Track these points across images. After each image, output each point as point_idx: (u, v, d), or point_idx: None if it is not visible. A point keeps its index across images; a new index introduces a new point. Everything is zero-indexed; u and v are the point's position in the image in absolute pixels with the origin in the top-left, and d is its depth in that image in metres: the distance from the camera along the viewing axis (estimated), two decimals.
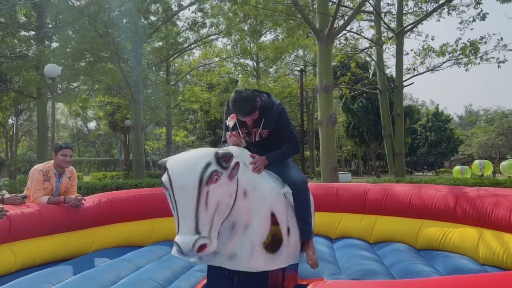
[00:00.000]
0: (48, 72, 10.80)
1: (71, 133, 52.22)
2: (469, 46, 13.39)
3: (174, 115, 25.83)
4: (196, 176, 2.17)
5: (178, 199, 2.17)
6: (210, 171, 2.20)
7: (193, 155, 2.31)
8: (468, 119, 68.53)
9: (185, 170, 2.20)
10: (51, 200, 3.97)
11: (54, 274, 3.26)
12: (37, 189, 3.96)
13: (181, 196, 2.17)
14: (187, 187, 2.16)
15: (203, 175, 2.17)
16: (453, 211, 3.98)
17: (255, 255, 2.50)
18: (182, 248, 2.07)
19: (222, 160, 2.27)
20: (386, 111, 16.12)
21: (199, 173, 2.17)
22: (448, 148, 40.91)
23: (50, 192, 4.13)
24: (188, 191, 2.16)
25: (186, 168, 2.21)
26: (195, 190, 2.15)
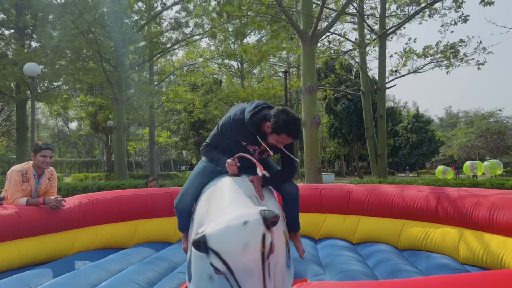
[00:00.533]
0: (27, 71, 10.57)
1: (51, 133, 51.29)
2: (450, 48, 13.65)
3: (157, 116, 25.61)
4: (258, 256, 1.99)
5: (243, 282, 1.98)
6: (268, 244, 2.03)
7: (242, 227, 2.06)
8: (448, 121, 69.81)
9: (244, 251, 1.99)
10: (30, 201, 3.87)
11: (33, 276, 3.18)
12: (15, 191, 3.86)
13: (246, 278, 1.99)
14: (252, 269, 1.99)
15: (264, 252, 2.01)
16: (435, 212, 4.02)
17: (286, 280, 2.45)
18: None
19: (272, 225, 2.11)
20: (369, 112, 16.29)
21: (260, 251, 2.00)
22: (429, 150, 41.58)
23: (29, 194, 4.03)
24: (253, 272, 1.99)
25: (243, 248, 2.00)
26: (260, 269, 1.99)
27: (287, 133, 2.58)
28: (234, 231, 2.03)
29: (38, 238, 3.88)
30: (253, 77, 27.90)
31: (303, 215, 4.69)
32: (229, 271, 1.97)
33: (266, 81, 22.63)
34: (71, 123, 49.52)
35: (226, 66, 26.84)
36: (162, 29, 19.01)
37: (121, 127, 15.75)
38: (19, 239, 3.72)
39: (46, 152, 4.03)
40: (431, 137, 41.87)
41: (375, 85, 16.15)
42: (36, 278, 3.15)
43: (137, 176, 25.94)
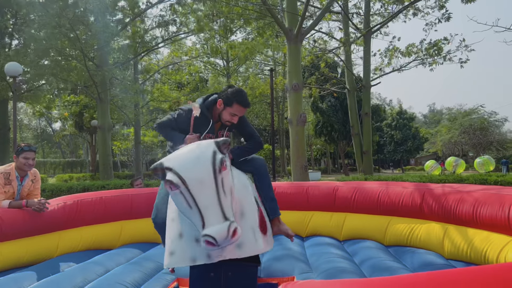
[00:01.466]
0: (8, 70, 10.36)
1: (34, 133, 50.44)
2: (433, 46, 13.82)
3: (142, 115, 25.37)
4: (209, 166, 2.18)
5: (197, 193, 2.13)
6: (219, 158, 2.23)
7: (193, 148, 2.31)
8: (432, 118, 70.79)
9: (195, 163, 2.19)
10: (13, 204, 3.79)
11: (15, 280, 3.12)
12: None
13: (199, 189, 2.14)
14: (204, 179, 2.15)
15: (215, 164, 2.19)
16: (420, 208, 4.07)
17: (258, 239, 2.57)
18: (218, 238, 2.01)
19: (223, 147, 2.32)
20: (354, 110, 16.42)
21: (211, 162, 2.19)
22: (413, 146, 42.13)
23: (12, 196, 3.95)
24: (206, 182, 2.14)
25: (195, 161, 2.20)
26: (212, 179, 2.16)
27: (238, 102, 2.86)
28: (186, 151, 2.28)
29: (21, 241, 3.80)
30: (239, 75, 27.83)
31: (290, 213, 4.74)
32: (182, 183, 2.14)
33: (252, 80, 22.60)
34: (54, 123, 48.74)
35: (211, 64, 26.70)
36: (147, 27, 18.83)
37: (105, 126, 15.57)
38: (2, 242, 3.64)
39: (28, 154, 3.94)
40: (415, 134, 42.42)
41: (360, 83, 16.27)
42: (17, 282, 3.08)
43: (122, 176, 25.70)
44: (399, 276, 1.01)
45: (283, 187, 5.08)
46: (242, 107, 2.89)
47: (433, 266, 3.38)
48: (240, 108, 2.88)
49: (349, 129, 20.87)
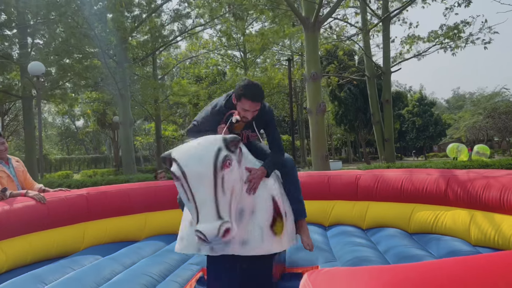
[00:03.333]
0: (32, 70, 10.61)
1: (59, 131, 51.60)
2: (453, 29, 13.45)
3: (162, 110, 25.63)
4: (210, 162, 2.18)
5: (195, 188, 2.16)
6: (222, 156, 2.22)
7: (200, 142, 2.32)
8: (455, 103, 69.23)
9: (197, 158, 2.20)
10: (14, 193, 3.83)
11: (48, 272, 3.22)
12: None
13: (197, 184, 2.16)
14: (203, 174, 2.16)
15: (216, 161, 2.19)
16: (444, 194, 4.01)
17: (266, 239, 2.54)
18: (208, 235, 2.05)
19: (231, 145, 2.30)
20: (375, 97, 16.18)
21: (213, 158, 2.19)
22: (435, 132, 41.32)
23: (9, 179, 4.03)
24: (204, 178, 2.16)
25: (197, 155, 2.21)
26: (211, 176, 2.16)
27: (245, 95, 2.64)
28: (193, 144, 2.31)
29: (48, 232, 3.91)
30: (257, 66, 27.75)
31: (312, 202, 4.73)
32: (183, 176, 2.18)
33: (269, 71, 22.51)
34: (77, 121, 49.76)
35: (229, 57, 26.70)
36: (163, 22, 18.94)
37: (127, 122, 15.81)
38: (30, 233, 3.75)
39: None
40: (436, 120, 41.57)
41: (380, 69, 16.00)
42: (50, 274, 3.19)
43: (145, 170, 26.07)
44: (421, 263, 1.00)
45: (304, 177, 5.08)
46: (251, 101, 2.66)
47: (460, 253, 3.34)
48: (248, 102, 2.66)
49: (369, 117, 20.59)
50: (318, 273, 0.99)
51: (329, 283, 0.93)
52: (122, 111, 15.87)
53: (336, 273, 0.99)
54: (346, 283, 0.91)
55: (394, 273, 0.91)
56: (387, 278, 0.88)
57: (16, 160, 4.28)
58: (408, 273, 0.90)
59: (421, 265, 0.97)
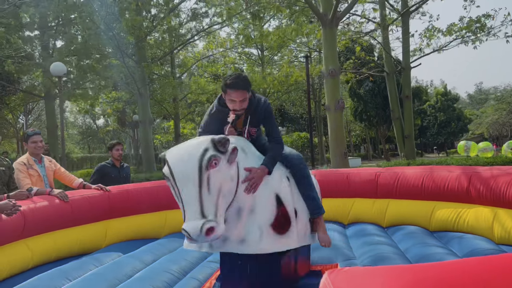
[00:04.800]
0: (54, 70, 10.83)
1: (80, 130, 52.54)
2: (475, 22, 13.13)
3: (181, 108, 25.83)
4: (195, 162, 2.23)
5: (181, 187, 2.25)
6: (208, 156, 2.26)
7: (190, 143, 2.41)
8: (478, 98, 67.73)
9: (184, 158, 2.28)
10: (39, 191, 3.89)
11: (72, 269, 3.31)
12: (23, 177, 3.96)
13: (183, 183, 2.24)
14: (188, 174, 2.23)
15: (202, 161, 2.24)
16: (466, 192, 3.94)
17: (264, 238, 2.55)
18: (191, 234, 2.12)
19: (219, 145, 2.33)
20: (394, 93, 15.96)
21: (198, 159, 2.24)
22: (457, 128, 40.49)
23: (39, 179, 4.13)
24: (189, 178, 2.22)
25: (184, 156, 2.29)
26: (196, 176, 2.22)
27: (228, 87, 2.65)
28: (183, 145, 2.40)
29: (71, 230, 3.99)
30: (274, 64, 27.66)
31: (331, 200, 4.71)
32: (171, 175, 2.28)
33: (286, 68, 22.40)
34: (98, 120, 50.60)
35: (246, 54, 26.68)
36: (181, 21, 19.06)
37: (146, 121, 16.00)
38: (55, 231, 3.83)
39: (35, 137, 4.17)
40: (459, 115, 40.72)
41: (399, 65, 15.76)
42: (74, 270, 3.27)
43: None
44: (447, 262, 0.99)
45: (322, 174, 5.05)
46: (234, 91, 2.64)
47: (483, 251, 3.27)
48: (232, 92, 2.65)
49: (389, 114, 20.32)
50: (338, 272, 0.99)
51: (349, 282, 0.93)
52: (142, 109, 16.08)
53: (357, 272, 0.98)
54: (366, 282, 0.91)
55: (415, 273, 0.91)
56: (408, 278, 0.87)
57: (49, 160, 4.38)
58: (430, 272, 0.89)
59: (443, 265, 0.96)
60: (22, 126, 30.71)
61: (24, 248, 3.42)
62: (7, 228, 3.16)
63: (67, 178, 4.47)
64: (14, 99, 21.18)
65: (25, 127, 29.28)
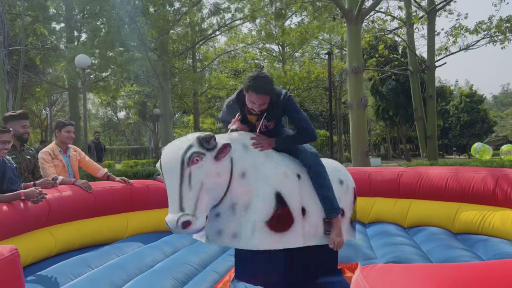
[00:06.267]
0: (78, 62, 11.00)
1: (101, 122, 53.38)
2: (505, 22, 12.75)
3: (201, 103, 25.96)
4: (178, 158, 2.38)
5: (166, 181, 2.43)
6: (190, 153, 2.38)
7: (180, 139, 2.54)
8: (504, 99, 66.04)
9: (170, 154, 2.44)
10: (64, 180, 3.96)
11: (94, 257, 3.36)
12: (48, 166, 4.02)
13: (167, 177, 2.41)
14: (171, 169, 2.38)
15: (184, 157, 2.37)
16: (493, 194, 3.85)
17: (257, 234, 2.54)
18: (169, 225, 2.29)
19: (204, 142, 2.43)
20: (418, 93, 15.67)
21: (181, 155, 2.38)
22: (482, 130, 39.51)
23: (63, 169, 4.19)
24: (172, 172, 2.38)
25: (170, 152, 2.45)
26: (177, 171, 2.36)
27: (249, 87, 2.62)
28: (176, 141, 2.55)
29: (94, 220, 4.06)
30: (295, 61, 27.50)
31: None
32: (161, 170, 2.47)
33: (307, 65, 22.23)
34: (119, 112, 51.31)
35: (267, 51, 26.59)
36: (203, 16, 19.11)
37: (167, 114, 16.11)
38: (78, 220, 3.90)
39: (70, 127, 4.25)
40: (483, 117, 39.73)
41: (424, 64, 15.45)
42: (96, 259, 3.32)
43: None
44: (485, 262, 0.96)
45: None
46: (255, 94, 2.60)
47: (510, 255, 3.19)
48: (253, 95, 2.61)
49: (411, 113, 19.99)
50: (371, 268, 0.97)
51: (384, 279, 0.90)
52: (163, 103, 16.20)
53: (391, 269, 0.96)
54: (401, 279, 0.88)
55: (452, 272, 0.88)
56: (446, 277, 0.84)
57: (73, 150, 4.45)
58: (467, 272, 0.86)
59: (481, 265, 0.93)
60: (46, 116, 31.37)
61: (48, 236, 3.49)
62: (32, 215, 3.22)
63: (92, 167, 4.53)
64: (39, 90, 21.61)
65: (49, 118, 29.91)
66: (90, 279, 2.79)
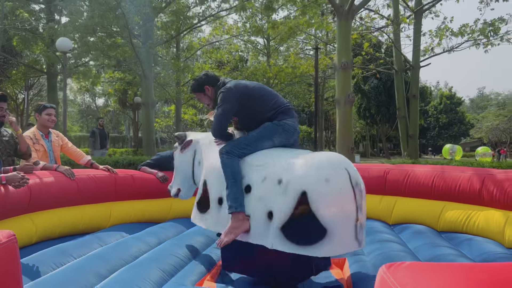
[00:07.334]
0: (60, 46, 10.67)
1: (80, 109, 52.27)
2: (489, 26, 12.97)
3: (183, 93, 25.65)
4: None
5: None
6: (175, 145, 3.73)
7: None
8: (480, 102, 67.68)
9: None
10: (46, 166, 3.84)
11: (76, 247, 3.25)
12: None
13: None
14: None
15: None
16: (479, 194, 3.88)
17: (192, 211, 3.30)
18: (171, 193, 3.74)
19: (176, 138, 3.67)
20: (401, 92, 15.84)
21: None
22: (459, 131, 40.47)
23: (44, 154, 4.07)
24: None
25: None
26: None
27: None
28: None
29: (77, 208, 3.95)
30: (280, 54, 27.41)
31: None
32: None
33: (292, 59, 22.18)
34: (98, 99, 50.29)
35: (252, 43, 26.40)
36: (189, 4, 18.78)
37: (149, 103, 15.80)
38: (60, 207, 3.78)
39: (50, 110, 4.15)
40: (461, 119, 40.69)
41: (408, 63, 15.62)
42: (78, 248, 3.21)
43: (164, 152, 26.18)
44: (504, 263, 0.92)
45: None
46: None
47: (495, 255, 3.22)
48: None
49: (392, 112, 20.26)
50: (397, 266, 0.92)
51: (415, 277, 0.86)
52: (145, 91, 15.87)
53: (420, 267, 0.91)
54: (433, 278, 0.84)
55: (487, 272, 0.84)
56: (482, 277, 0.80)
57: (56, 135, 4.30)
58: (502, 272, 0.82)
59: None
60: (23, 101, 30.49)
61: (29, 223, 3.36)
62: (13, 201, 3.08)
63: (75, 154, 4.38)
64: (15, 73, 20.92)
65: (26, 102, 29.08)
66: (73, 269, 2.67)
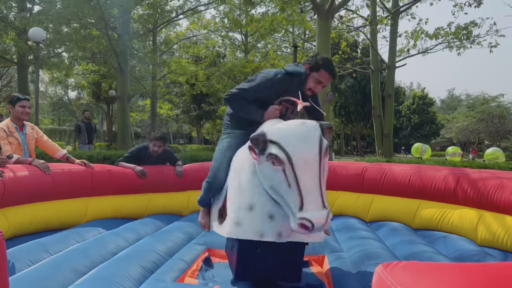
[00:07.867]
0: (32, 35, 10.31)
1: (51, 101, 50.80)
2: (462, 30, 13.33)
3: (159, 87, 25.29)
4: (316, 149, 2.07)
5: (300, 174, 2.03)
6: (325, 143, 2.13)
7: (298, 125, 2.16)
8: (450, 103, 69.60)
9: (303, 142, 2.07)
10: (20, 159, 3.71)
11: (53, 242, 3.16)
12: (3, 144, 3.76)
13: (304, 170, 2.03)
14: (309, 161, 2.04)
15: (321, 147, 2.09)
16: (453, 192, 3.98)
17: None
18: (316, 224, 1.95)
19: (326, 132, 2.20)
20: (377, 91, 16.10)
21: (318, 145, 2.07)
22: (430, 131, 41.52)
23: (18, 147, 3.94)
24: (312, 164, 2.04)
25: (303, 140, 2.08)
26: (317, 163, 2.05)
27: (325, 68, 2.69)
28: (292, 127, 2.14)
29: (52, 203, 3.83)
30: (257, 51, 27.38)
31: None
32: (288, 160, 2.04)
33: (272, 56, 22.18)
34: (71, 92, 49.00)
35: (230, 38, 26.26)
36: None
37: (125, 97, 15.51)
38: (34, 203, 3.67)
39: (24, 102, 4.00)
40: (432, 119, 41.75)
41: (384, 63, 15.89)
42: (54, 244, 3.12)
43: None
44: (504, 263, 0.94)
45: None
46: (329, 75, 2.72)
47: (468, 252, 3.32)
48: (326, 75, 2.71)
49: (367, 111, 20.58)
50: (395, 266, 0.93)
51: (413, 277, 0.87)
52: (121, 85, 15.56)
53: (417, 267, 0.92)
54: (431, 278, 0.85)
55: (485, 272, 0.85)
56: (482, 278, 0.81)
57: (30, 127, 4.15)
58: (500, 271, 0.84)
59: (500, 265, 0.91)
60: None
61: (2, 218, 3.24)
62: None
63: (50, 147, 4.25)
64: None
65: None
66: (50, 265, 2.59)
